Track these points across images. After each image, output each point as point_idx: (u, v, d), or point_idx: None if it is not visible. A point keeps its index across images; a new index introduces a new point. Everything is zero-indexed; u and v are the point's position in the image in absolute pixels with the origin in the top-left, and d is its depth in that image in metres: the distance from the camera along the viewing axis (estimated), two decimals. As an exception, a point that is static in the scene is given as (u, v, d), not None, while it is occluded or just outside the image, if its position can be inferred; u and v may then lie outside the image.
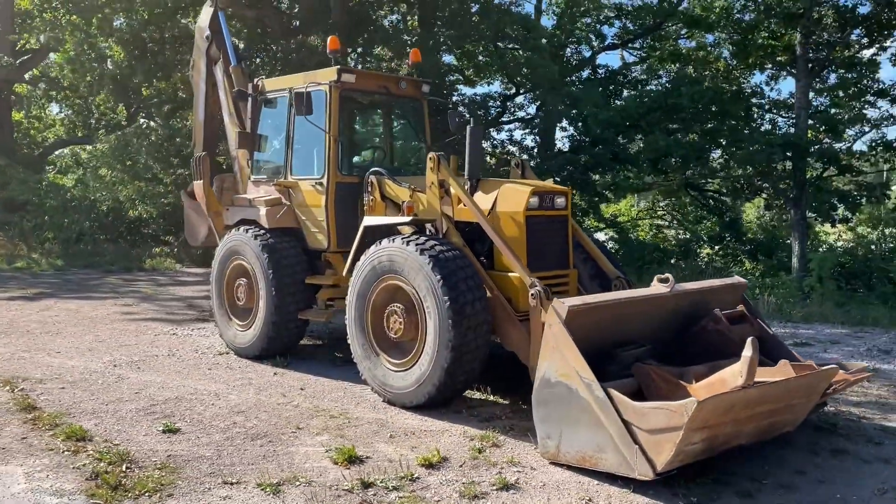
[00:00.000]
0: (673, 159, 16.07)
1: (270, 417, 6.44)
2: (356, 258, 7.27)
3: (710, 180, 19.05)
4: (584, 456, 5.20)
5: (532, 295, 6.18)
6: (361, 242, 7.29)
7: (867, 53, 17.86)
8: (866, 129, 18.19)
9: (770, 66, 17.85)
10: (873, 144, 17.86)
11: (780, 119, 18.26)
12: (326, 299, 8.33)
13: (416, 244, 6.56)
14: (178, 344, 9.51)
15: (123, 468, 5.22)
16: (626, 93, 19.15)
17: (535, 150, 19.86)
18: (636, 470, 4.86)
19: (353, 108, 9.36)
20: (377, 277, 6.87)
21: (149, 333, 10.19)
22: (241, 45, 19.56)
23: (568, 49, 23.37)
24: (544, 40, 19.70)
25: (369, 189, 7.90)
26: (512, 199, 6.93)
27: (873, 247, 16.93)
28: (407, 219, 7.09)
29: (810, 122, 17.17)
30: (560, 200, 7.18)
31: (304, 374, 7.98)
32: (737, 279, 7.10)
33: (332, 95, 8.14)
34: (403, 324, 6.67)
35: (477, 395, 7.09)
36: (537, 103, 20.63)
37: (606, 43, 23.18)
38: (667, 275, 6.17)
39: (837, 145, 17.78)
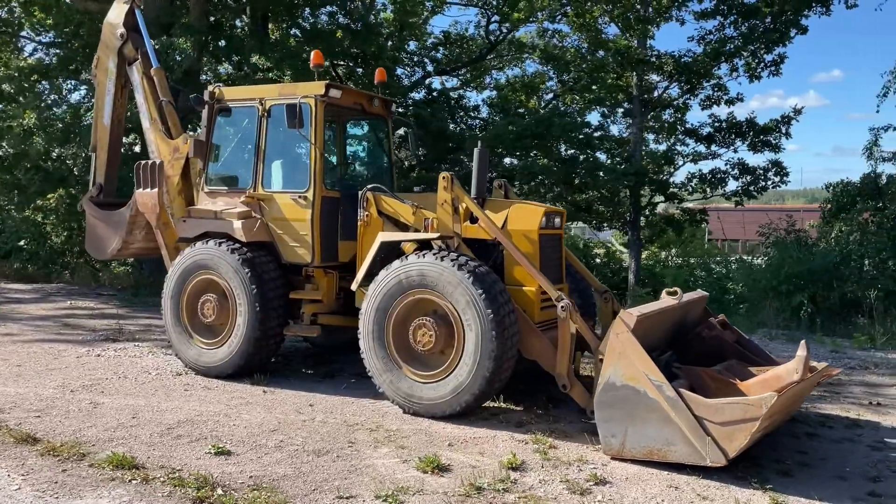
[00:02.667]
0: (544, 181, 17.37)
1: (310, 434, 6.34)
2: (370, 272, 7.34)
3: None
4: (652, 450, 5.80)
5: (562, 307, 6.72)
6: (377, 257, 7.37)
7: (683, 97, 20.51)
8: (686, 163, 20.82)
9: (609, 103, 19.88)
10: (690, 177, 20.54)
11: (614, 152, 20.32)
12: (311, 314, 8.22)
13: (451, 259, 6.82)
14: (115, 366, 8.79)
15: (219, 492, 4.99)
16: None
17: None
18: (707, 458, 5.55)
19: (328, 122, 9.31)
20: (403, 291, 7.01)
21: (65, 356, 9.27)
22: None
23: (399, 70, 24.21)
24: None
25: (364, 205, 7.96)
26: (525, 217, 7.41)
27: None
28: (434, 235, 7.30)
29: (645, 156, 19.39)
30: (558, 220, 7.79)
31: (295, 391, 7.82)
32: (701, 292, 8.12)
33: (318, 109, 8.11)
34: (434, 336, 6.87)
35: (489, 403, 7.43)
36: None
37: (432, 68, 24.45)
38: (675, 288, 6.98)
39: (665, 178, 20.16)
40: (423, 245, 7.58)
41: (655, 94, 20.10)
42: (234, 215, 8.29)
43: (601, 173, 17.88)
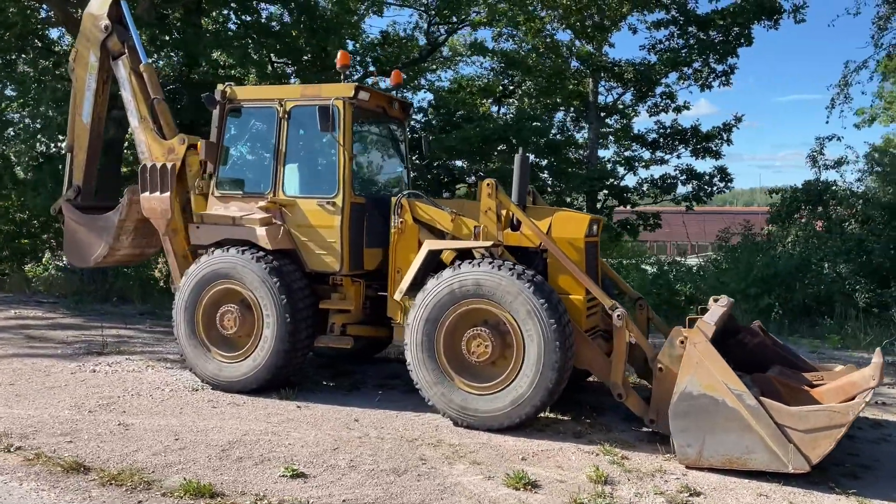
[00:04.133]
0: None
1: (375, 452, 6.08)
2: (416, 281, 7.13)
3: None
4: (731, 458, 5.84)
5: (618, 316, 6.71)
6: (424, 266, 7.16)
7: (635, 104, 21.01)
8: (638, 167, 21.28)
9: (565, 108, 20.14)
10: (641, 181, 21.05)
11: (572, 157, 20.60)
12: (342, 324, 7.91)
13: (509, 269, 6.69)
14: (119, 382, 8.21)
15: (323, 519, 4.70)
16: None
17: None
18: (790, 465, 5.64)
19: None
20: (455, 301, 6.82)
21: (56, 373, 8.61)
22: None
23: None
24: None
25: (399, 211, 7.72)
26: (571, 225, 7.35)
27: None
28: (487, 243, 7.13)
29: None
30: (596, 227, 7.78)
31: (329, 405, 7.49)
32: (728, 299, 8.26)
33: (346, 112, 7.81)
34: (491, 347, 6.72)
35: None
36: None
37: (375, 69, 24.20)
38: (723, 296, 7.08)
39: (618, 182, 20.57)
40: (462, 254, 7.43)
41: (609, 100, 20.54)
42: (255, 221, 7.87)
43: (566, 178, 18.10)
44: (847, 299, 14.32)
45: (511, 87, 20.53)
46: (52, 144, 18.73)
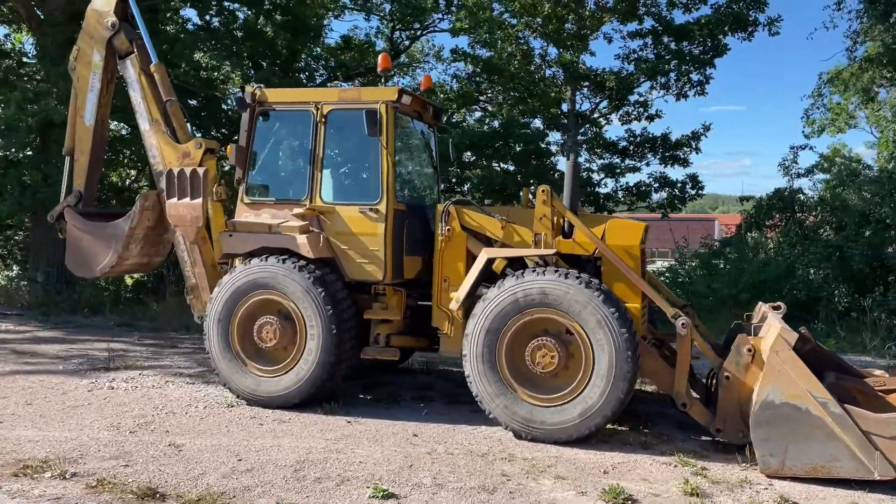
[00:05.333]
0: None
1: (453, 469, 5.84)
2: (473, 290, 6.93)
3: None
4: (815, 467, 5.82)
5: (682, 324, 6.65)
6: (481, 274, 6.96)
7: (611, 112, 21.18)
8: (615, 175, 21.43)
9: (542, 116, 20.15)
10: (616, 188, 21.21)
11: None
12: (387, 335, 7.64)
13: (576, 277, 6.55)
14: (145, 400, 7.75)
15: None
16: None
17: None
18: (876, 472, 5.65)
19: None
20: (519, 311, 6.64)
21: (70, 390, 8.09)
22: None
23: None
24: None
25: (446, 219, 7.50)
26: (627, 233, 7.25)
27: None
28: (550, 251, 6.97)
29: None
30: (645, 234, 7.70)
31: (379, 419, 7.20)
32: (783, 305, 8.19)
33: (389, 116, 7.56)
34: (557, 358, 6.56)
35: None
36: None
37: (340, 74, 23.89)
38: (779, 303, 7.10)
39: (594, 189, 20.69)
40: (512, 263, 7.28)
41: (584, 108, 20.65)
42: (294, 229, 7.54)
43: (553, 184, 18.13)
44: (829, 304, 14.69)
45: (488, 94, 20.44)
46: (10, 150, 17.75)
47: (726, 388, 6.53)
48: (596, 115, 21.10)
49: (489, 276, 7.36)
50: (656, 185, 21.16)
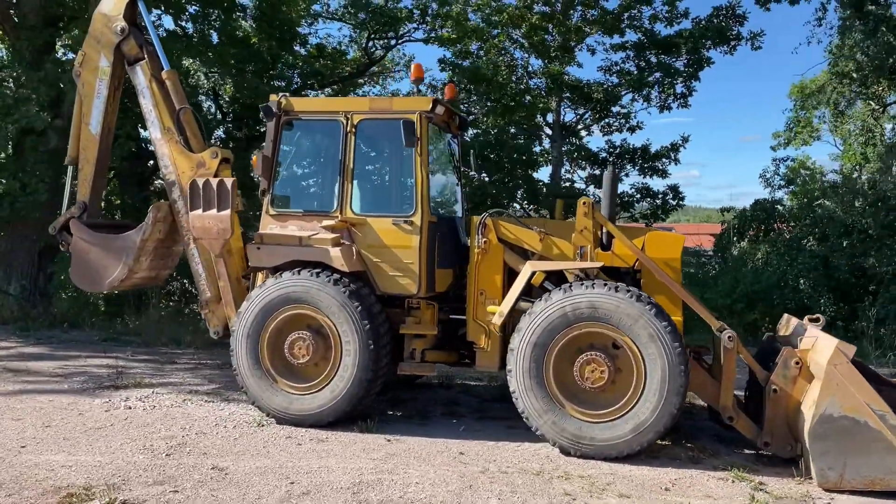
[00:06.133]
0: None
1: (514, 489, 5.69)
2: (516, 304, 6.81)
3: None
4: (874, 480, 5.82)
5: (728, 338, 6.62)
6: (526, 288, 6.84)
7: (595, 124, 21.32)
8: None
9: (526, 126, 20.19)
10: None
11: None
12: (422, 350, 7.46)
13: (626, 290, 6.47)
14: (169, 419, 7.43)
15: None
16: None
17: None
18: (935, 484, 5.67)
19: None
20: (567, 325, 6.53)
21: (85, 410, 7.73)
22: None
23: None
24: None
25: (482, 231, 7.36)
26: (667, 245, 7.19)
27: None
28: (597, 263, 6.88)
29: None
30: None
31: (419, 437, 7.02)
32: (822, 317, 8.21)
33: (423, 126, 7.41)
34: (607, 372, 6.47)
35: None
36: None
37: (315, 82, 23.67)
38: (817, 315, 7.12)
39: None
40: (550, 276, 7.17)
41: (568, 118, 20.76)
42: (327, 241, 7.32)
43: (535, 196, 18.16)
44: (817, 313, 14.91)
45: (475, 105, 20.38)
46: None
47: (774, 402, 6.51)
48: (580, 127, 21.21)
49: (526, 290, 7.26)
50: (638, 195, 21.32)
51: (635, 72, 19.91)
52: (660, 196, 21.32)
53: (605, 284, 6.55)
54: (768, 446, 6.56)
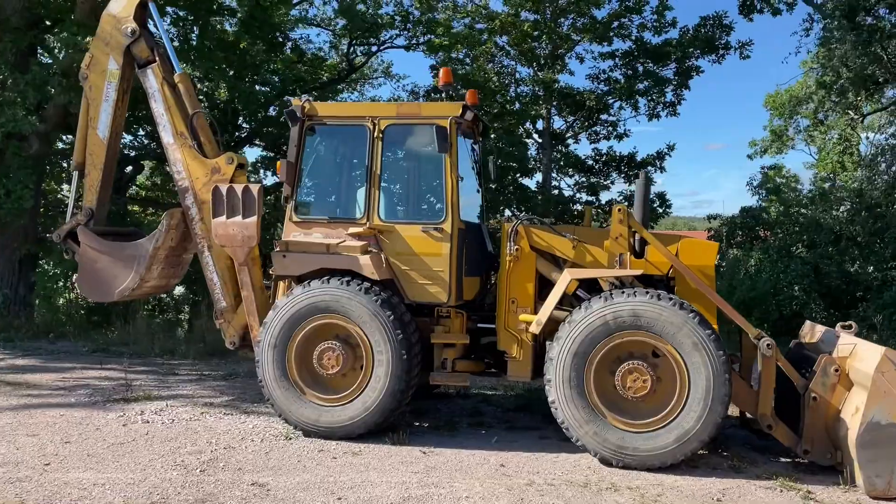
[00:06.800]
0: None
1: (566, 502, 5.58)
2: (555, 313, 6.71)
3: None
4: (923, 487, 5.81)
5: (767, 345, 6.59)
6: (563, 296, 6.74)
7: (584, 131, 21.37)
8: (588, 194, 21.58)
9: (514, 133, 20.16)
10: (587, 204, 21.39)
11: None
12: (453, 359, 7.31)
13: (668, 298, 6.41)
14: (190, 433, 7.17)
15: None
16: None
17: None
18: (983, 491, 5.68)
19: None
20: (609, 334, 6.44)
21: (102, 425, 7.44)
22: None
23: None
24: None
25: (514, 238, 7.25)
26: (702, 252, 7.16)
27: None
28: (637, 271, 6.80)
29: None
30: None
31: (449, 448, 6.86)
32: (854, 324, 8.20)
33: (453, 132, 7.29)
34: (650, 382, 6.39)
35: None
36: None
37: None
38: (850, 322, 7.14)
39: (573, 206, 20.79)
40: (583, 283, 7.09)
41: (558, 126, 20.80)
42: (356, 249, 7.15)
43: (527, 204, 18.15)
44: (810, 319, 15.09)
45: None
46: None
47: (813, 410, 6.48)
48: (569, 134, 21.24)
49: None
50: (627, 203, 21.38)
51: (622, 80, 20.00)
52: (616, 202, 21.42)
53: (647, 293, 6.48)
54: (808, 454, 6.52)
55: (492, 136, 19.83)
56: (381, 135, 7.37)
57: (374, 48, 26.08)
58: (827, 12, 16.87)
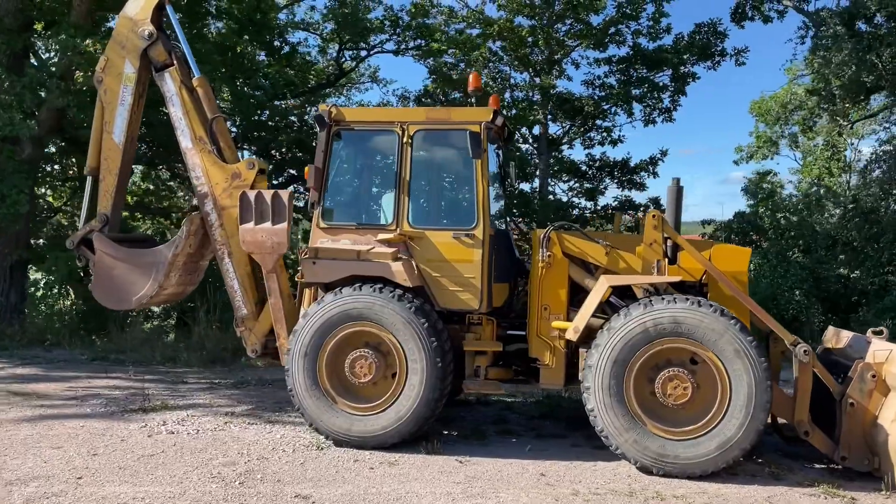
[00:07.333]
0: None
1: (616, 510, 5.53)
2: (590, 318, 6.67)
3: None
4: (959, 492, 5.83)
5: (804, 352, 6.59)
6: (601, 302, 6.69)
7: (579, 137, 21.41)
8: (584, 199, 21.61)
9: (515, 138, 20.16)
10: (581, 210, 21.42)
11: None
12: (486, 367, 7.23)
13: (709, 305, 6.38)
14: (218, 444, 7.01)
15: None
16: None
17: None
18: None
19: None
20: (649, 341, 6.40)
21: (127, 436, 7.26)
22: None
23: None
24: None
25: (546, 244, 7.20)
26: (735, 259, 7.16)
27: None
28: (675, 278, 6.77)
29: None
30: None
31: (490, 458, 6.77)
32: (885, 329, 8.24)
33: (485, 137, 7.22)
34: (691, 389, 6.35)
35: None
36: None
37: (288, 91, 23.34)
38: (881, 328, 7.16)
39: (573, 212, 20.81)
40: (615, 289, 7.05)
41: (556, 131, 20.81)
42: (387, 255, 7.05)
43: (528, 209, 18.13)
44: (808, 324, 15.23)
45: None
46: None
47: (850, 416, 6.49)
48: (565, 140, 21.26)
49: (580, 303, 7.14)
50: (621, 208, 21.44)
51: (616, 86, 20.06)
52: (642, 208, 21.49)
53: (687, 299, 6.45)
54: (845, 460, 6.52)
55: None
56: (410, 140, 7.29)
57: (363, 52, 26.13)
58: (823, 20, 17.08)
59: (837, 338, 7.80)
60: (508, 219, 8.87)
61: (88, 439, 7.05)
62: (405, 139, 7.28)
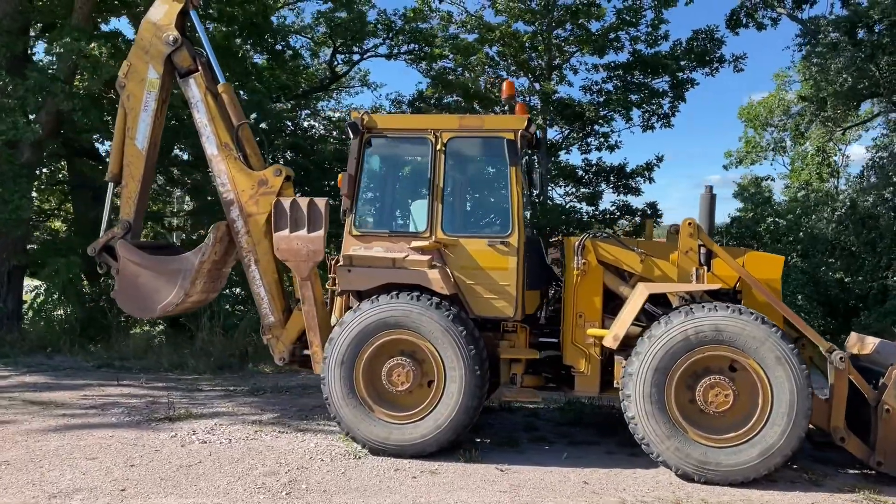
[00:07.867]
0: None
1: (667, 519, 5.55)
2: (628, 328, 6.68)
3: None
4: None
5: (840, 359, 6.66)
6: (641, 310, 6.71)
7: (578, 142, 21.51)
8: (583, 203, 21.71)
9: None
10: (580, 215, 21.52)
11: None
12: (522, 374, 7.23)
13: (750, 313, 6.42)
14: (254, 454, 6.95)
15: None
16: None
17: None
18: None
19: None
20: (690, 349, 6.42)
21: (161, 446, 7.17)
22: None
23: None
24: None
25: (581, 252, 7.21)
26: (768, 266, 7.20)
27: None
28: (715, 286, 6.80)
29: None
30: None
31: (531, 466, 6.77)
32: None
33: (521, 145, 7.23)
34: (733, 397, 6.39)
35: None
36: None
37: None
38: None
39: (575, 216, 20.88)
40: (649, 297, 7.07)
41: (555, 136, 20.89)
42: (423, 263, 7.03)
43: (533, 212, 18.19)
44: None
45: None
46: None
47: (886, 422, 6.55)
48: (563, 145, 21.35)
49: (614, 310, 7.18)
50: (619, 213, 21.55)
51: (613, 91, 20.18)
52: (639, 213, 21.62)
53: (728, 307, 6.48)
54: (881, 466, 6.59)
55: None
56: (443, 148, 7.28)
57: (356, 56, 26.08)
58: (819, 28, 17.29)
59: (862, 344, 7.87)
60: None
61: (122, 449, 6.95)
62: (438, 147, 7.27)
